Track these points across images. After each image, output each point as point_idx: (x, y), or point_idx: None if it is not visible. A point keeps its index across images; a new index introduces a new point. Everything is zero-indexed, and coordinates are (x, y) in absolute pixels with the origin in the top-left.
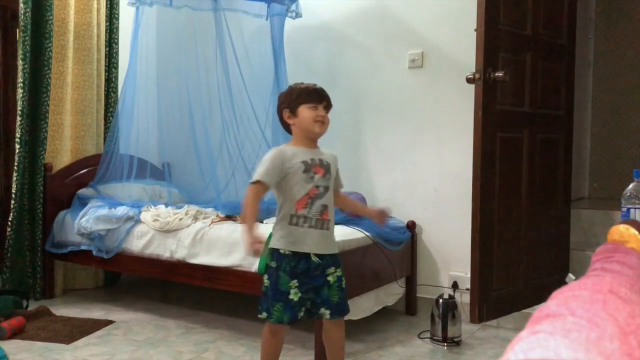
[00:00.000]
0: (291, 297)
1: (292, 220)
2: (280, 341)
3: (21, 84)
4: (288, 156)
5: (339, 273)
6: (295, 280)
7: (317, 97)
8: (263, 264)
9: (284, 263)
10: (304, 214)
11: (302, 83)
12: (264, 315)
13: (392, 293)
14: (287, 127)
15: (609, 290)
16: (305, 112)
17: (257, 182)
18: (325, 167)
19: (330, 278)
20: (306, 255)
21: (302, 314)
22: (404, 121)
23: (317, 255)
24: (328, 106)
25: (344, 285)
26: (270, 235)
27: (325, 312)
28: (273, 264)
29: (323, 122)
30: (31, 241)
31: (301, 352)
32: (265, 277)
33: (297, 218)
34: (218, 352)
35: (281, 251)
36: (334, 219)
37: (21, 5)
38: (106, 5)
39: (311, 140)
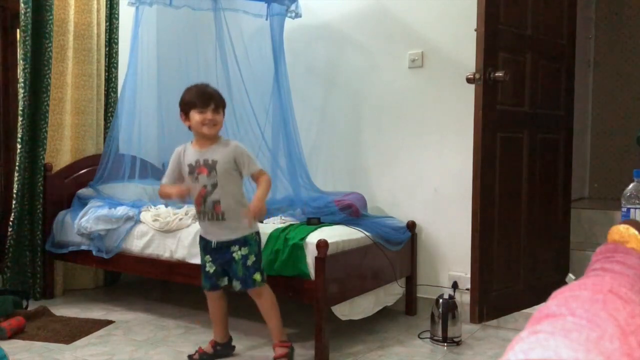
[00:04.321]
0: (207, 269)
1: (197, 216)
2: (214, 303)
3: (22, 84)
4: (183, 158)
5: (244, 252)
6: (208, 256)
7: (203, 101)
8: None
9: (200, 243)
10: (202, 210)
11: (195, 86)
12: None
13: (392, 293)
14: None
15: (609, 290)
16: (194, 116)
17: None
18: (209, 166)
19: (235, 255)
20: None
21: (224, 283)
22: (404, 121)
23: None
24: (218, 107)
25: (249, 264)
26: None
27: (236, 284)
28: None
29: (212, 124)
30: (31, 241)
31: (301, 352)
32: None
33: (198, 214)
34: None
35: (200, 234)
36: (237, 205)
37: (21, 5)
38: (106, 5)
39: (207, 139)
